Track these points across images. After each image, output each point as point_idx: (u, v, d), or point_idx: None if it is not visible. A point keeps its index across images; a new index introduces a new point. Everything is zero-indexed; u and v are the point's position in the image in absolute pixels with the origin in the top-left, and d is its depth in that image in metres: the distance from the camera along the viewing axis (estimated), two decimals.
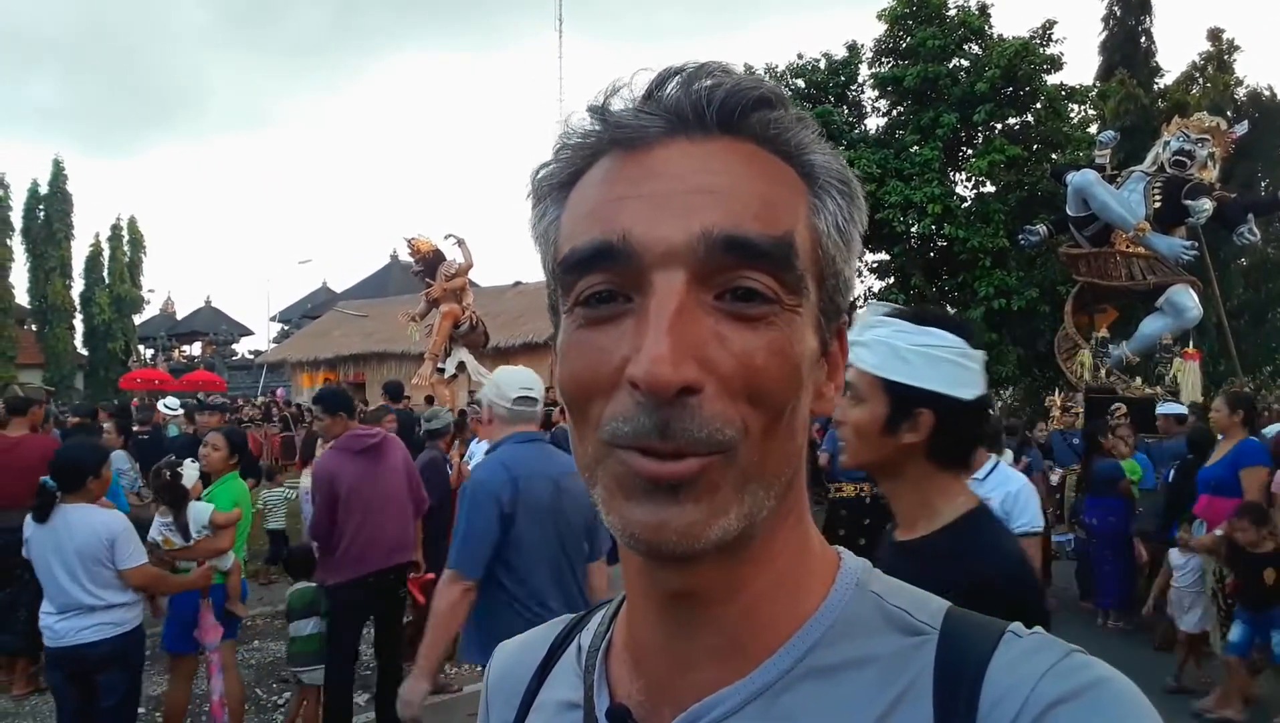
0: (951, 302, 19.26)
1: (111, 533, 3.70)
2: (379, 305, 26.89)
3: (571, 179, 0.57)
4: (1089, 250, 11.79)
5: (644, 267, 0.51)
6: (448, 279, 13.94)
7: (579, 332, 0.54)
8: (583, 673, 0.64)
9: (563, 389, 0.55)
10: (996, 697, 0.51)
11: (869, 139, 19.30)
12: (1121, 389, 10.98)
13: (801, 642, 0.56)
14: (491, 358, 15.93)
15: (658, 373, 0.48)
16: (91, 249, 35.70)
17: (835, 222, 0.57)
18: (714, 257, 0.51)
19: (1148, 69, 20.52)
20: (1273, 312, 18.96)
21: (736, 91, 0.54)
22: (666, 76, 0.55)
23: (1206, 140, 11.12)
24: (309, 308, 38.82)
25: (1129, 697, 0.50)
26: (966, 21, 18.51)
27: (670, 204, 0.52)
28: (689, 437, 0.49)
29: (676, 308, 0.50)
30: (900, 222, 17.88)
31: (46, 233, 33.53)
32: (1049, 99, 18.13)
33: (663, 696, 0.58)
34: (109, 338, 34.92)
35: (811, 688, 0.55)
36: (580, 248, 0.53)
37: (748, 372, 0.50)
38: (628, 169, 0.54)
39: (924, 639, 0.55)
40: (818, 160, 0.57)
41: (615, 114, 0.55)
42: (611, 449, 0.51)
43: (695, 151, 0.54)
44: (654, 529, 0.50)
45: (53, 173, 34.17)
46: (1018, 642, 0.54)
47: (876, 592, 0.59)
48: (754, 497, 0.52)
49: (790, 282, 0.53)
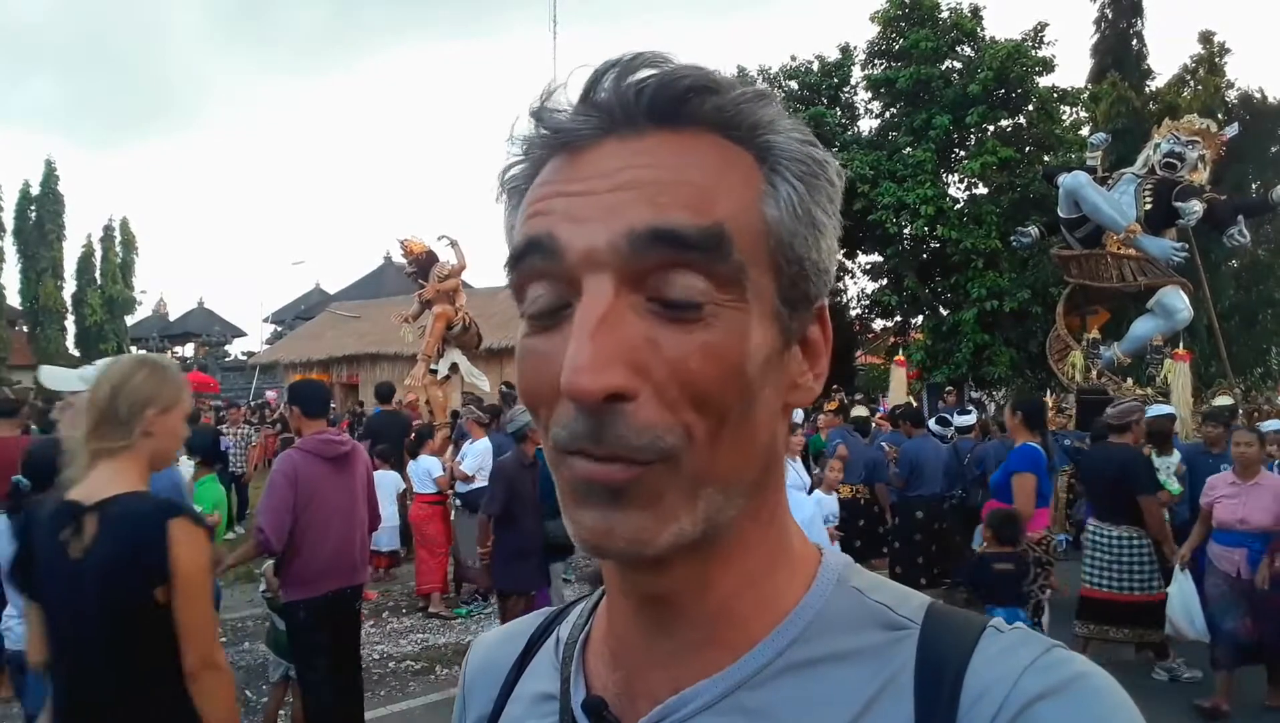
0: (944, 303, 19.32)
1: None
2: (372, 307, 26.82)
3: (529, 179, 0.57)
4: (1081, 252, 11.84)
5: (571, 268, 0.51)
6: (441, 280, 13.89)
7: (526, 340, 0.54)
8: (560, 665, 0.64)
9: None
10: (978, 692, 0.50)
11: (862, 141, 19.35)
12: (1112, 390, 11.01)
13: (780, 637, 0.56)
14: (484, 359, 15.91)
15: (577, 382, 0.47)
16: (83, 250, 35.62)
17: (792, 205, 0.54)
18: (640, 255, 0.49)
19: (1139, 71, 20.59)
20: (1263, 313, 19.04)
21: (667, 82, 0.52)
22: (601, 74, 0.54)
23: (1197, 142, 11.18)
24: (302, 309, 38.71)
25: (1109, 691, 0.50)
26: (959, 24, 18.58)
27: (595, 203, 0.51)
28: (624, 444, 0.49)
29: (601, 314, 0.49)
30: (893, 223, 17.93)
31: (38, 234, 33.43)
32: (1041, 101, 18.20)
33: (639, 688, 0.58)
34: (101, 339, 34.79)
35: (790, 683, 0.54)
36: (516, 246, 0.54)
37: (683, 377, 0.49)
38: (562, 170, 0.54)
39: (905, 634, 0.55)
40: (775, 141, 0.55)
41: (549, 118, 0.55)
42: (561, 455, 0.51)
43: (625, 149, 0.52)
44: (601, 534, 0.50)
45: (44, 173, 34.10)
46: (999, 637, 0.54)
47: (858, 587, 0.58)
48: (710, 501, 0.51)
49: (726, 274, 0.50)
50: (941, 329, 18.58)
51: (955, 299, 18.58)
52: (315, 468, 4.32)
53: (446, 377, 14.04)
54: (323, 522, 4.28)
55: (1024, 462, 5.40)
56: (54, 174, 34.11)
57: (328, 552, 4.30)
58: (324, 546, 4.27)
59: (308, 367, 25.52)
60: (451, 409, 12.55)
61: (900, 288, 19.37)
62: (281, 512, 4.18)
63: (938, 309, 19.50)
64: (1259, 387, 17.26)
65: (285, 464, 4.39)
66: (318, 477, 4.31)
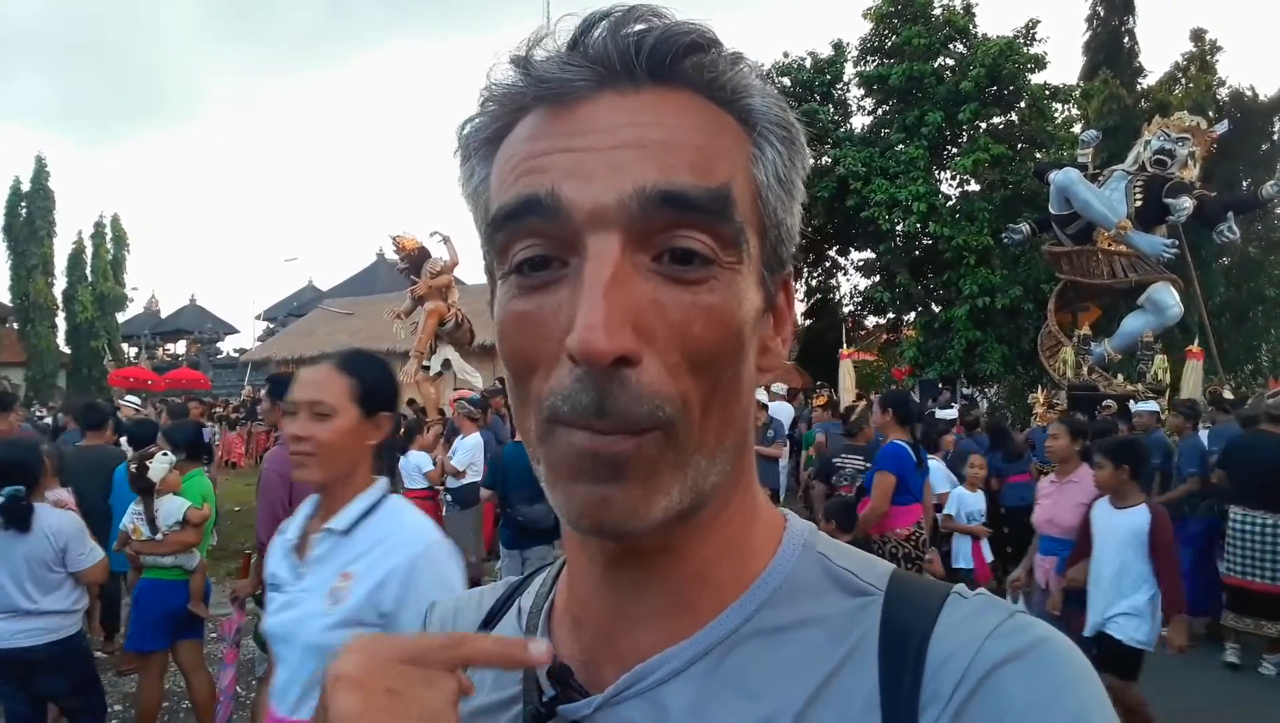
0: (937, 300, 19.36)
1: (64, 538, 3.63)
2: (365, 303, 26.75)
3: (499, 134, 0.55)
4: (1072, 249, 11.88)
5: (575, 227, 0.49)
6: (433, 276, 13.89)
7: (514, 301, 0.52)
8: (524, 633, 0.64)
9: (505, 362, 0.54)
10: (943, 657, 0.51)
11: (854, 137, 19.37)
12: (1103, 386, 11.06)
13: (748, 602, 0.56)
14: (477, 356, 15.89)
15: (592, 342, 0.46)
16: (74, 246, 35.35)
17: (775, 170, 0.54)
18: (648, 215, 0.49)
19: (1131, 69, 20.64)
20: (1253, 310, 19.10)
21: (667, 38, 0.51)
22: (593, 22, 0.52)
23: (1187, 139, 11.22)
24: (295, 306, 38.56)
25: (1070, 656, 0.51)
26: (951, 20, 18.60)
27: (600, 161, 0.50)
28: (626, 415, 0.48)
29: (612, 274, 0.48)
30: (886, 220, 17.95)
31: (28, 230, 33.20)
32: (1033, 98, 18.25)
33: (606, 655, 0.58)
34: (92, 336, 34.59)
35: (758, 648, 0.54)
36: (507, 204, 0.51)
37: (685, 341, 0.49)
38: (555, 124, 0.52)
39: (870, 600, 0.55)
40: (756, 105, 0.54)
41: (539, 67, 0.52)
42: (553, 426, 0.50)
43: (624, 105, 0.51)
44: (596, 507, 0.50)
45: (35, 169, 33.84)
46: (963, 603, 0.54)
47: (823, 553, 0.59)
48: (698, 470, 0.51)
49: (729, 235, 0.51)
50: (933, 326, 18.61)
51: (947, 296, 18.62)
52: None
53: (439, 373, 14.04)
54: None
55: (887, 461, 5.23)
56: (44, 170, 33.88)
57: None
58: None
59: (300, 364, 25.45)
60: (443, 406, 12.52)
61: (892, 285, 19.40)
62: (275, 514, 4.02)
63: (930, 306, 19.54)
64: (1249, 383, 17.33)
65: (276, 462, 4.23)
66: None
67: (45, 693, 3.66)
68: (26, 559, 3.57)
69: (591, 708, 0.56)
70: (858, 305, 22.15)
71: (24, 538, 3.57)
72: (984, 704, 0.48)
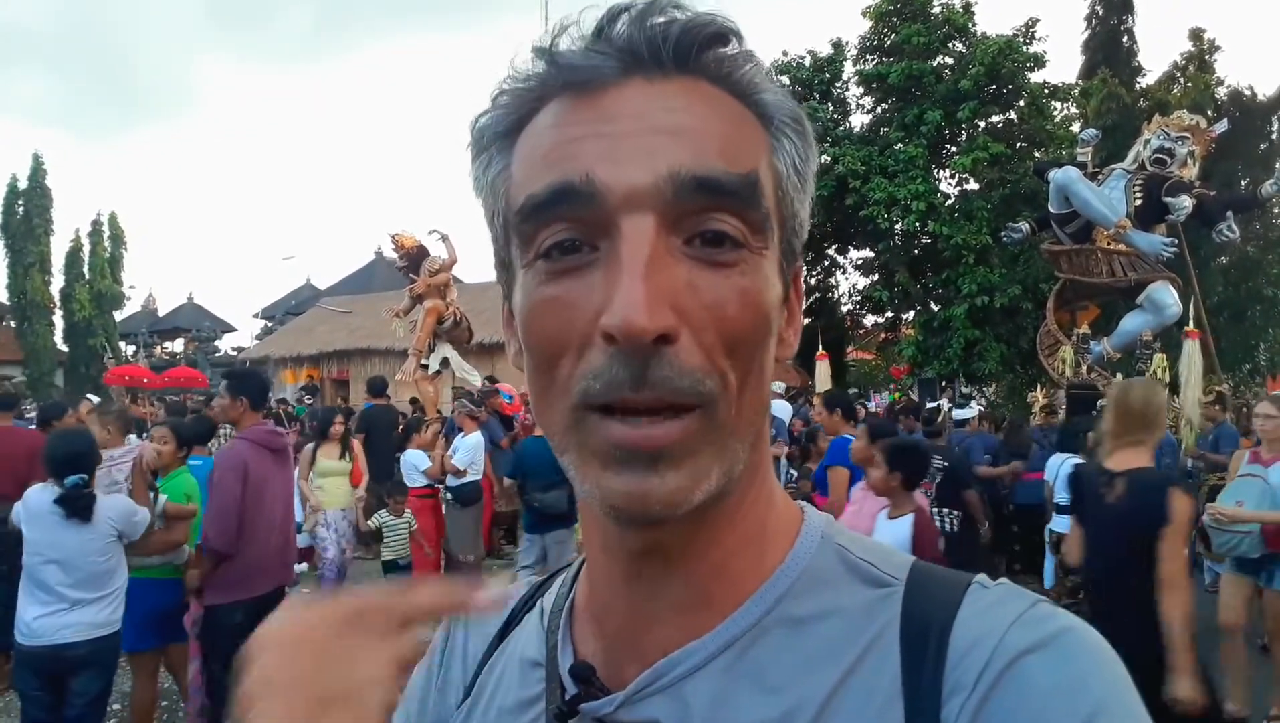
0: (935, 299, 19.37)
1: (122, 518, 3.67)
2: (363, 301, 26.72)
3: (516, 126, 0.55)
4: (1071, 247, 11.88)
5: (609, 210, 0.49)
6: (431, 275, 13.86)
7: (542, 287, 0.51)
8: (546, 633, 0.64)
9: (530, 351, 0.53)
10: (965, 646, 0.51)
11: (853, 136, 19.38)
12: (1102, 385, 11.05)
13: (768, 595, 0.56)
14: (476, 354, 15.89)
15: (633, 320, 0.46)
16: (71, 245, 35.31)
17: (793, 161, 0.56)
18: (682, 199, 0.49)
19: (1130, 68, 20.64)
20: (1251, 309, 19.11)
21: (693, 27, 0.52)
22: (617, 13, 0.53)
23: (1186, 138, 11.22)
24: (293, 304, 38.51)
25: (1095, 644, 0.51)
26: (950, 19, 18.62)
27: (633, 145, 0.50)
28: (669, 386, 0.48)
29: (649, 254, 0.48)
30: (885, 218, 17.95)
31: (25, 228, 33.15)
32: (1032, 97, 18.27)
33: (627, 652, 0.58)
34: (89, 334, 34.55)
35: (779, 641, 0.54)
36: (538, 193, 0.51)
37: (721, 321, 0.49)
38: (582, 111, 0.52)
39: (890, 591, 0.55)
40: (770, 99, 0.56)
41: (564, 55, 0.53)
42: (585, 414, 0.50)
43: (653, 91, 0.52)
44: (638, 499, 0.49)
45: (32, 167, 33.80)
46: (984, 592, 0.54)
47: (841, 544, 0.59)
48: (733, 453, 0.51)
49: (757, 221, 0.52)
50: (932, 325, 18.63)
51: (946, 295, 18.63)
52: (264, 461, 4.11)
53: (438, 372, 14.02)
54: (268, 517, 4.07)
55: (840, 455, 5.23)
56: (42, 168, 33.83)
57: (273, 548, 4.08)
58: (270, 542, 4.05)
59: (298, 362, 25.44)
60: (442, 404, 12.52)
61: (891, 283, 19.42)
62: (229, 514, 3.92)
63: (929, 305, 19.55)
64: (1247, 382, 17.36)
65: (233, 458, 4.08)
66: (266, 470, 4.08)
67: (78, 692, 3.63)
68: (80, 551, 3.58)
69: (614, 706, 0.56)
70: (856, 304, 22.17)
71: (79, 530, 3.58)
72: (1008, 693, 0.48)
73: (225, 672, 3.99)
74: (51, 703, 3.63)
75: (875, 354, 25.19)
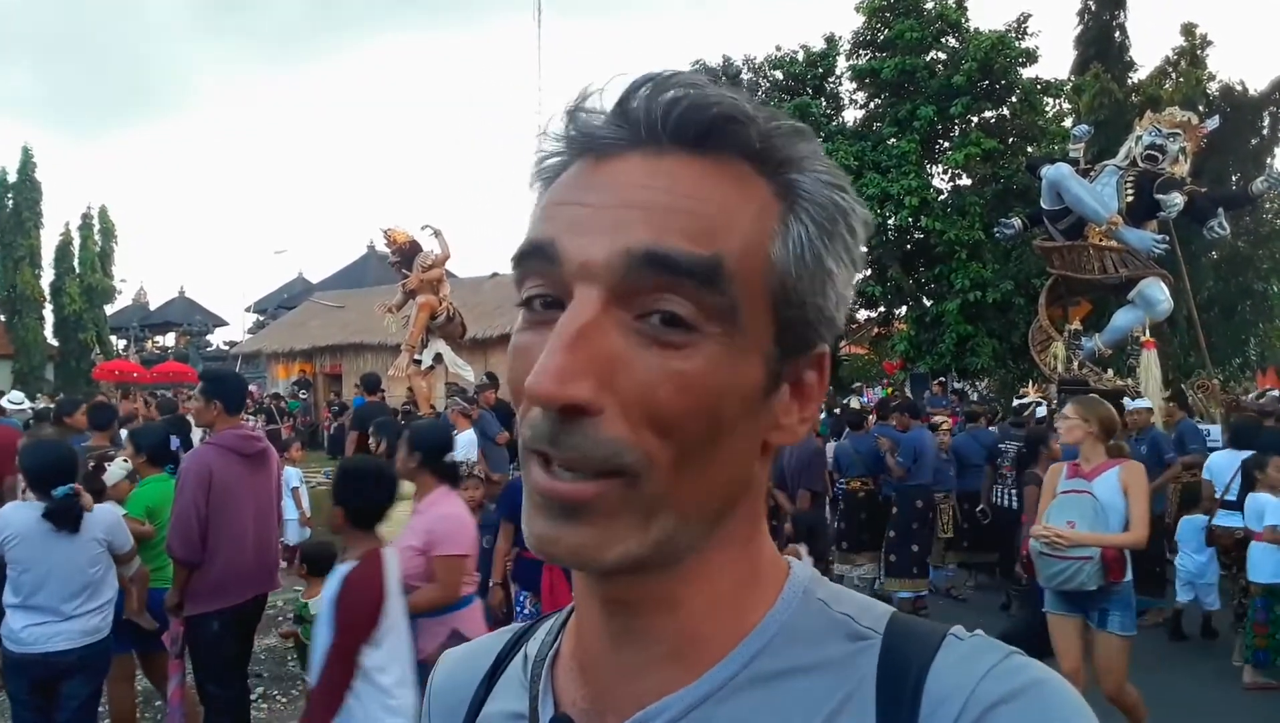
0: (928, 294, 19.42)
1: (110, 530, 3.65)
2: (356, 296, 26.63)
3: (556, 173, 0.57)
4: (1063, 244, 11.91)
5: (566, 277, 0.51)
6: (424, 270, 13.84)
7: (519, 334, 0.55)
8: (529, 683, 0.64)
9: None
10: (938, 699, 0.51)
11: (846, 131, 19.39)
12: (1093, 381, 11.11)
13: (746, 650, 0.56)
14: (469, 350, 15.87)
15: (541, 386, 0.48)
16: (61, 238, 35.10)
17: (801, 247, 0.53)
18: (634, 275, 0.50)
19: (1122, 63, 20.66)
20: (1242, 305, 19.21)
21: (694, 107, 0.52)
22: (638, 85, 0.54)
23: (1178, 135, 11.26)
24: (285, 298, 38.41)
25: (1065, 697, 0.51)
26: (944, 14, 18.63)
27: (600, 218, 0.51)
28: (581, 451, 0.49)
29: (581, 326, 0.49)
30: (877, 214, 17.97)
31: (15, 222, 32.96)
32: (1024, 92, 18.30)
33: (607, 704, 0.58)
34: (80, 329, 34.38)
35: (756, 695, 0.54)
36: (521, 245, 0.54)
37: (648, 401, 0.49)
38: (583, 177, 0.54)
39: (868, 644, 0.55)
40: (800, 181, 0.54)
41: (581, 121, 0.55)
42: (528, 455, 0.52)
43: (646, 166, 0.52)
44: (548, 543, 0.51)
45: (21, 161, 33.56)
46: (959, 645, 0.55)
47: (822, 599, 0.59)
48: (664, 527, 0.51)
49: (716, 306, 0.50)
50: (925, 320, 18.68)
51: (939, 290, 18.68)
52: (232, 466, 3.97)
53: (430, 367, 14.00)
54: (241, 525, 3.94)
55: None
56: (31, 161, 33.59)
57: (248, 557, 3.97)
58: (243, 550, 3.95)
59: (290, 357, 25.38)
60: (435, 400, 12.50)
61: (884, 279, 19.45)
62: (189, 522, 3.80)
63: (921, 300, 19.61)
64: (1237, 377, 17.45)
65: (196, 462, 3.93)
66: (235, 476, 3.95)
67: (69, 696, 3.61)
68: (68, 562, 3.54)
69: None
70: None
71: (69, 542, 3.53)
72: None
73: (209, 682, 3.96)
74: (41, 706, 3.61)
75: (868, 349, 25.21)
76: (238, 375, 5.22)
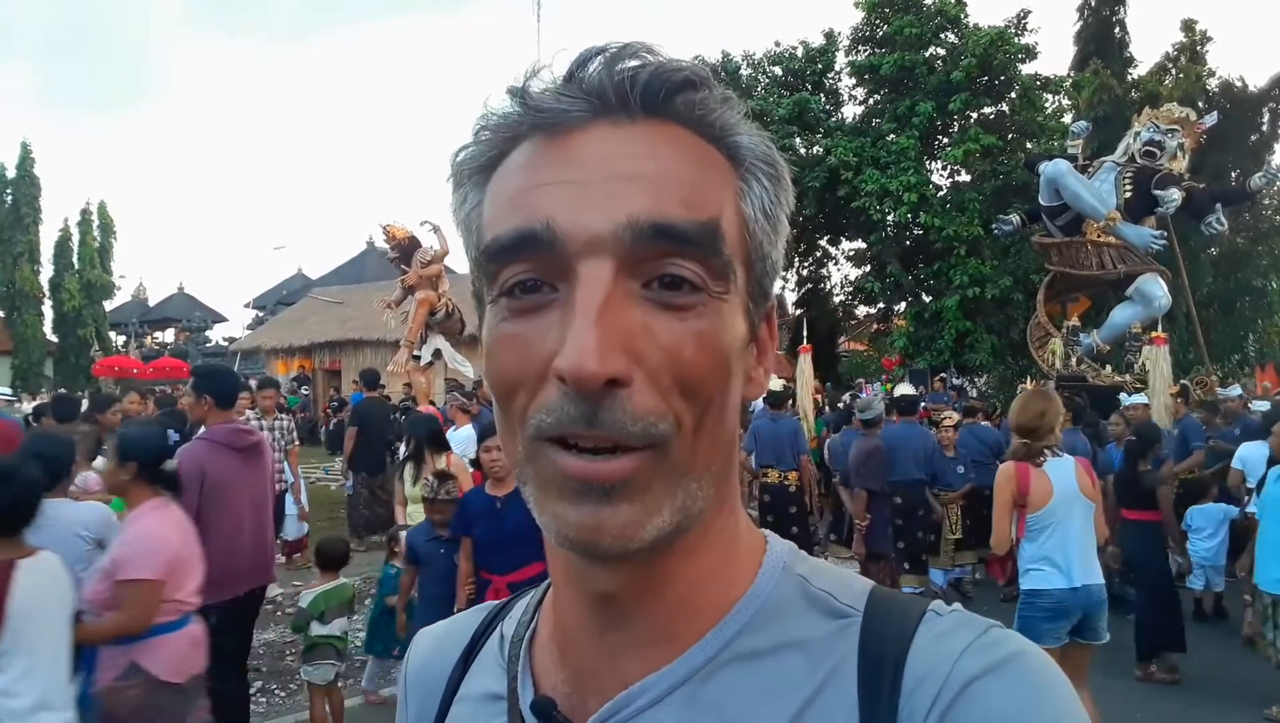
0: (927, 290, 19.41)
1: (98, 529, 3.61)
2: (355, 292, 26.60)
3: (492, 163, 0.56)
4: (1061, 240, 11.92)
5: (568, 256, 0.50)
6: (423, 266, 13.81)
7: (504, 324, 0.53)
8: (506, 664, 0.64)
9: (490, 384, 0.54)
10: (919, 675, 0.51)
11: (846, 127, 19.38)
12: (1091, 377, 11.12)
13: (728, 627, 0.56)
14: (468, 346, 15.84)
15: (584, 365, 0.47)
16: (60, 234, 35.03)
17: (762, 205, 0.56)
18: (640, 245, 0.50)
19: (1122, 60, 20.65)
20: (1240, 301, 19.23)
21: (661, 73, 0.52)
22: (588, 57, 0.53)
23: (1176, 131, 11.27)
24: (284, 294, 38.35)
25: (1043, 668, 0.52)
26: (943, 10, 18.61)
27: (594, 191, 0.51)
28: (620, 428, 0.48)
29: (604, 299, 0.49)
30: (876, 210, 17.98)
31: (14, 218, 32.89)
32: (1024, 89, 18.29)
33: (589, 685, 0.58)
34: (79, 325, 34.33)
35: (737, 673, 0.55)
36: (502, 236, 0.52)
37: (676, 364, 0.50)
38: (550, 154, 0.53)
39: (848, 622, 0.56)
40: (744, 142, 0.56)
41: (535, 97, 0.54)
42: (540, 446, 0.50)
43: (618, 136, 0.52)
44: (590, 531, 0.50)
45: (20, 156, 33.48)
46: (938, 620, 0.55)
47: (802, 575, 0.59)
48: (688, 492, 0.52)
49: (717, 267, 0.52)
50: (924, 316, 18.67)
51: (938, 286, 18.68)
52: (226, 461, 3.95)
53: (430, 363, 13.99)
54: (236, 519, 3.93)
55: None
56: (30, 157, 33.51)
57: (243, 550, 3.95)
58: (239, 544, 3.93)
59: (290, 352, 25.35)
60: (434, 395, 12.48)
61: (883, 275, 19.46)
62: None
63: (920, 296, 19.60)
64: (1236, 373, 17.45)
65: (188, 459, 3.84)
66: (229, 470, 3.93)
67: None
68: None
69: None
70: (848, 295, 22.20)
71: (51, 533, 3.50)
72: (962, 718, 0.49)
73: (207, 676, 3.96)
74: None
75: (867, 345, 25.23)
76: (230, 371, 5.17)
